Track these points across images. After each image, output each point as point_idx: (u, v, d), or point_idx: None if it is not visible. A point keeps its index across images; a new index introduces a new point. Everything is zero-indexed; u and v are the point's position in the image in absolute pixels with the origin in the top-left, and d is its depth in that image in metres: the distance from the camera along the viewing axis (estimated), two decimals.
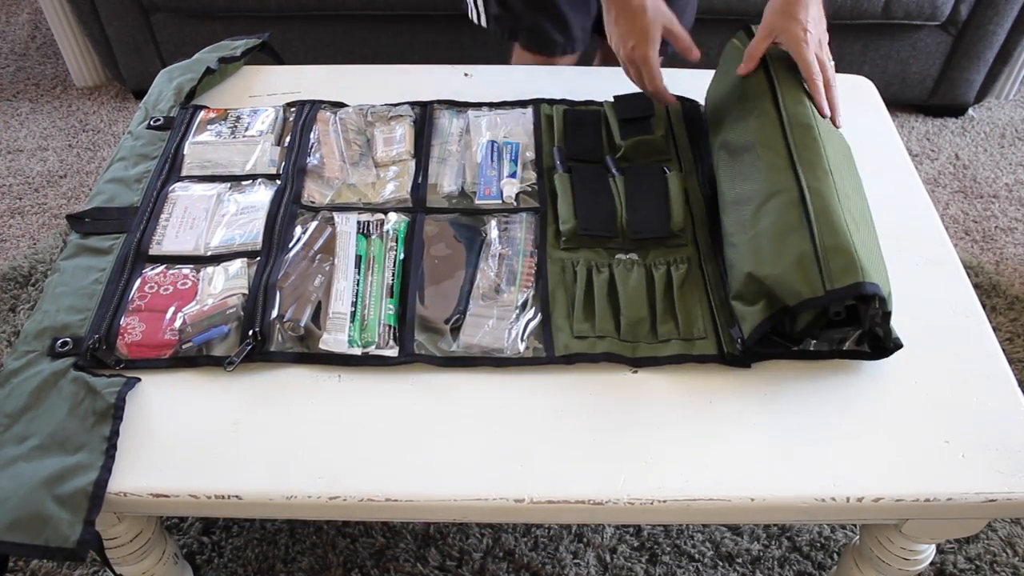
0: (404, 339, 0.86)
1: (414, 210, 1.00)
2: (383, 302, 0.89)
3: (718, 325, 0.87)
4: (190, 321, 0.87)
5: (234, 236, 0.97)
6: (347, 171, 1.05)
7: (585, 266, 0.93)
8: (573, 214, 0.96)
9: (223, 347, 0.86)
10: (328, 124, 1.11)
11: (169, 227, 0.98)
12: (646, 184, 1.00)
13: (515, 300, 0.90)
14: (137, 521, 0.89)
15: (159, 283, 0.91)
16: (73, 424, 0.78)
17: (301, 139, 1.09)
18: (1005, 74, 1.97)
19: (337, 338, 0.86)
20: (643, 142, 1.05)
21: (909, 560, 0.89)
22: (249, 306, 0.88)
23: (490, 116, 1.13)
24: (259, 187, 1.03)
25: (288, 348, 0.86)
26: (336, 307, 0.89)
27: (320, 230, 0.97)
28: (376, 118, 1.12)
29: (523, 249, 0.95)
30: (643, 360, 0.84)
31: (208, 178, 1.04)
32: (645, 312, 0.88)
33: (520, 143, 1.08)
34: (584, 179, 1.01)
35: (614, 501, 0.75)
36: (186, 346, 0.85)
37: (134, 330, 0.86)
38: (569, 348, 0.85)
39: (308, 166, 1.05)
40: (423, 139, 1.09)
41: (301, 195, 1.02)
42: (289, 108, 1.14)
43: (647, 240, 0.95)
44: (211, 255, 0.95)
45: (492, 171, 1.04)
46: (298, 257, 0.94)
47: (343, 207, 1.00)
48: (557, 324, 0.87)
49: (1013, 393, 0.83)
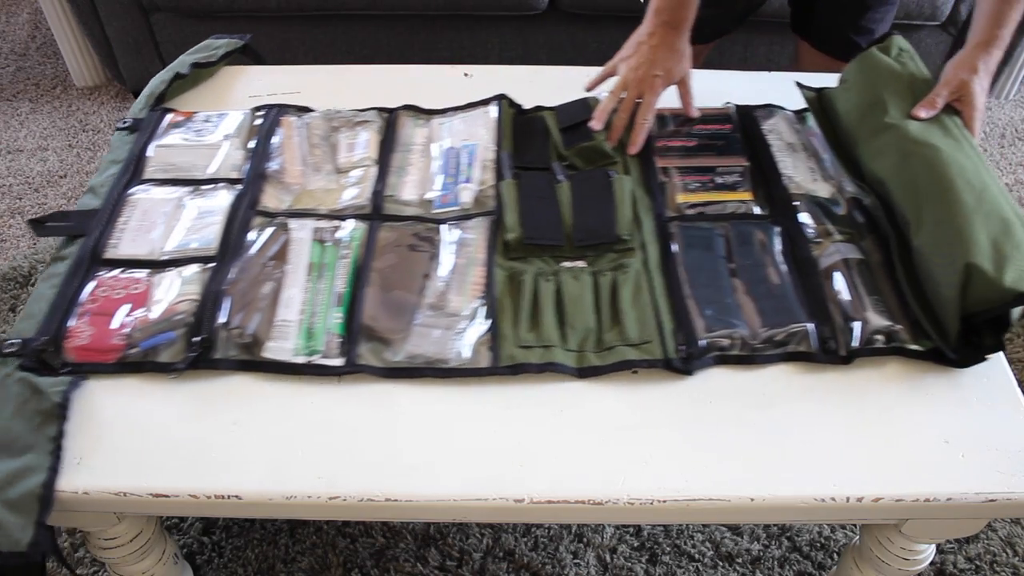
0: (350, 349, 0.85)
1: (371, 217, 0.99)
2: (332, 310, 0.88)
3: (663, 331, 0.87)
4: (138, 326, 0.85)
5: (190, 241, 0.95)
6: (308, 177, 1.04)
7: (532, 275, 0.92)
8: (519, 223, 0.96)
9: (169, 353, 0.85)
10: (292, 129, 1.10)
11: (127, 230, 0.96)
12: (592, 190, 1.00)
13: (462, 309, 0.89)
14: (137, 521, 0.89)
15: (111, 287, 0.90)
16: (19, 426, 0.77)
17: (264, 144, 1.07)
18: (1005, 74, 1.97)
19: (282, 346, 0.85)
20: (586, 148, 1.05)
21: (909, 560, 0.89)
22: (198, 312, 0.87)
23: (452, 122, 1.12)
24: (221, 191, 1.01)
25: (233, 355, 0.85)
26: (284, 315, 0.87)
27: (275, 236, 0.96)
28: (342, 123, 1.11)
29: (474, 257, 0.94)
30: (587, 370, 0.84)
31: (171, 181, 1.03)
32: (591, 320, 0.88)
33: (478, 144, 1.07)
34: (530, 187, 1.00)
35: (614, 501, 0.75)
36: (132, 351, 0.84)
37: (82, 334, 0.85)
38: (514, 358, 0.85)
39: (268, 171, 1.04)
40: (386, 146, 1.08)
41: (259, 201, 1.00)
42: (256, 112, 1.13)
43: (595, 246, 0.95)
44: (165, 260, 0.93)
45: (450, 179, 1.03)
46: (251, 263, 0.92)
47: (300, 213, 0.99)
48: (503, 333, 0.87)
49: (1013, 393, 0.83)
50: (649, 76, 1.05)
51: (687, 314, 0.88)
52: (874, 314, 0.87)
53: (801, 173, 1.04)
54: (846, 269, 0.91)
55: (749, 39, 1.85)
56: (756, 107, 1.14)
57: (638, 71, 1.06)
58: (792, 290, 0.90)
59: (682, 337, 0.86)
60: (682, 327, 0.87)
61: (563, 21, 1.83)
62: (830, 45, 1.38)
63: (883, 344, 0.86)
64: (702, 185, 1.02)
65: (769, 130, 1.10)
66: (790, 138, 1.09)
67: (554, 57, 1.90)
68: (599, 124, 1.06)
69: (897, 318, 0.87)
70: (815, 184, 1.02)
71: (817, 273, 0.92)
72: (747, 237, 0.96)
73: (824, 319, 0.87)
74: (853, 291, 0.89)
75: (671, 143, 1.08)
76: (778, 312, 0.88)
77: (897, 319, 0.87)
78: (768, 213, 1.00)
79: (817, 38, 1.40)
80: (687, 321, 0.87)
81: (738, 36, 1.83)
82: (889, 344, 0.86)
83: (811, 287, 0.90)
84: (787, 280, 0.91)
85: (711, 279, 0.92)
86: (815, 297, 0.89)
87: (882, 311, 0.87)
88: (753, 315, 0.88)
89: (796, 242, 0.95)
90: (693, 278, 0.92)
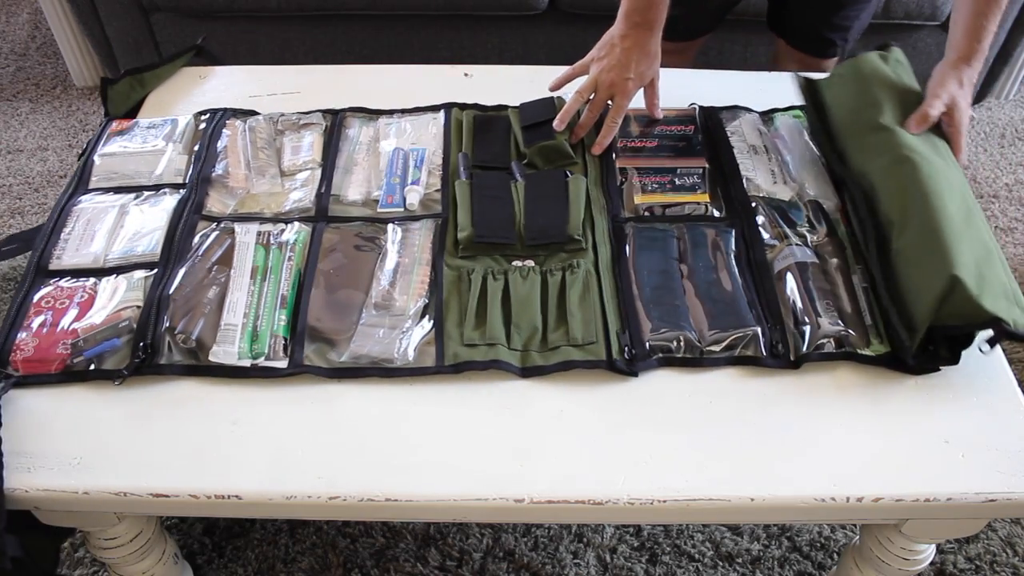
0: (294, 350, 0.85)
1: (316, 219, 0.99)
2: (276, 313, 0.88)
3: (609, 332, 0.87)
4: (82, 334, 0.85)
5: (134, 247, 0.95)
6: (252, 180, 1.04)
7: (480, 274, 0.92)
8: (471, 221, 0.96)
9: (114, 360, 0.84)
10: (236, 132, 1.10)
11: (71, 240, 0.96)
12: (546, 189, 1.00)
13: (408, 309, 0.89)
14: (137, 521, 0.89)
15: (56, 297, 0.89)
16: None
17: (208, 148, 1.07)
18: (1005, 74, 1.97)
19: (227, 350, 0.85)
20: (547, 147, 1.05)
21: (909, 560, 0.89)
22: (142, 319, 0.87)
23: (399, 123, 1.12)
24: (166, 197, 1.01)
25: (178, 361, 0.85)
26: (228, 319, 0.87)
27: (220, 241, 0.95)
28: (286, 126, 1.11)
29: (420, 257, 0.94)
30: (531, 369, 0.84)
31: (115, 189, 1.03)
32: (537, 319, 0.88)
33: (427, 149, 1.07)
34: (485, 186, 1.00)
35: (614, 501, 0.75)
36: (77, 360, 0.84)
37: (27, 345, 0.85)
38: (458, 356, 0.85)
39: (213, 175, 1.04)
40: (331, 147, 1.08)
41: (204, 205, 1.00)
42: (200, 116, 1.13)
43: (546, 246, 0.95)
44: (110, 267, 0.93)
45: (396, 179, 1.03)
46: (195, 268, 0.92)
47: (245, 217, 0.99)
48: (448, 332, 0.87)
49: (1013, 393, 0.83)
50: (621, 79, 1.05)
51: (635, 315, 0.88)
52: (825, 319, 0.87)
53: (762, 175, 1.04)
54: (799, 273, 0.91)
55: (748, 39, 1.85)
56: (721, 108, 1.14)
57: (611, 73, 1.05)
58: (743, 293, 0.90)
59: (627, 338, 0.86)
60: (628, 328, 0.87)
61: (563, 21, 1.83)
62: (805, 42, 1.38)
63: (833, 349, 0.85)
64: (660, 186, 1.02)
65: (733, 131, 1.10)
66: (753, 140, 1.09)
67: (554, 57, 1.90)
68: (561, 124, 1.06)
69: (849, 323, 0.87)
70: (775, 187, 1.02)
71: (770, 276, 0.92)
72: (701, 239, 0.96)
73: (775, 323, 0.87)
74: (805, 295, 0.89)
75: (632, 144, 1.08)
76: (727, 315, 0.88)
77: (849, 324, 0.87)
78: (725, 215, 1.00)
79: (792, 35, 1.40)
80: (634, 322, 0.87)
81: (737, 36, 1.83)
82: (839, 349, 0.85)
83: (763, 290, 0.90)
84: (738, 283, 0.91)
85: (662, 281, 0.92)
86: (767, 301, 0.89)
87: (833, 316, 0.87)
88: (702, 318, 0.88)
89: (751, 245, 0.95)
90: (643, 279, 0.92)
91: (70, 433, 0.79)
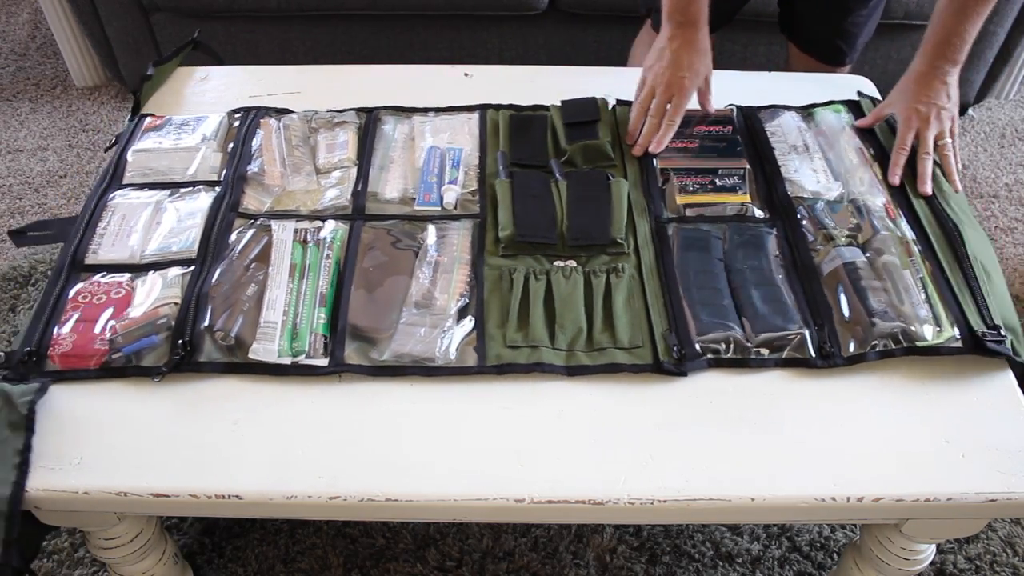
0: (335, 348, 0.85)
1: (353, 217, 0.99)
2: (316, 311, 0.88)
3: (655, 335, 0.87)
4: (120, 331, 0.85)
5: (170, 244, 0.95)
6: (287, 178, 1.04)
7: (522, 273, 0.92)
8: (512, 221, 0.96)
9: (152, 357, 0.84)
10: (271, 130, 1.10)
11: (106, 236, 0.96)
12: (589, 190, 0.99)
13: (448, 308, 0.89)
14: (137, 521, 0.89)
15: (92, 293, 0.89)
16: None
17: (243, 146, 1.07)
18: (1005, 74, 1.97)
19: (267, 348, 0.85)
20: (589, 147, 1.05)
21: (909, 560, 0.89)
22: (180, 316, 0.87)
23: (435, 122, 1.12)
24: (200, 194, 1.01)
25: (217, 358, 0.84)
26: (268, 316, 0.87)
27: (256, 238, 0.95)
28: (320, 124, 1.11)
29: (459, 256, 0.94)
30: (576, 369, 0.84)
31: (149, 185, 1.03)
32: (581, 320, 0.88)
33: (464, 148, 1.07)
34: (525, 184, 1.00)
35: (614, 501, 0.75)
36: (115, 356, 0.84)
37: (65, 341, 0.85)
38: (501, 358, 0.84)
39: (248, 173, 1.04)
40: (366, 145, 1.08)
41: (240, 203, 1.00)
42: (234, 114, 1.13)
43: (588, 247, 0.95)
44: (146, 263, 0.93)
45: (433, 177, 1.03)
46: (233, 265, 0.92)
47: (281, 215, 0.99)
48: (490, 333, 0.87)
49: (1013, 393, 0.83)
50: (677, 77, 1.06)
51: (682, 316, 0.88)
52: (877, 318, 0.87)
53: (805, 175, 1.04)
54: (846, 273, 0.91)
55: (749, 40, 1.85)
56: (760, 108, 1.14)
57: (665, 74, 1.06)
58: (788, 294, 0.90)
59: (675, 339, 0.85)
60: (676, 329, 0.86)
61: (563, 21, 1.83)
62: (814, 47, 1.38)
63: (885, 347, 0.85)
64: (702, 187, 1.02)
65: (773, 132, 1.10)
66: (795, 139, 1.09)
67: (554, 57, 1.90)
68: (640, 150, 1.06)
69: (905, 318, 0.86)
70: (819, 186, 1.02)
71: (815, 277, 0.91)
72: (745, 240, 0.96)
73: (821, 324, 0.87)
74: (853, 295, 0.89)
75: (672, 144, 1.08)
76: (774, 316, 0.88)
77: (905, 319, 0.86)
78: (768, 216, 1.00)
79: (802, 39, 1.40)
80: (682, 323, 0.87)
81: (737, 36, 1.83)
82: (896, 346, 0.85)
83: (809, 291, 0.90)
84: (783, 283, 0.91)
85: (707, 281, 0.91)
86: (813, 301, 0.89)
87: (885, 314, 0.87)
88: (748, 318, 0.88)
89: (795, 245, 0.95)
90: (688, 280, 0.92)
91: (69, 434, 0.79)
